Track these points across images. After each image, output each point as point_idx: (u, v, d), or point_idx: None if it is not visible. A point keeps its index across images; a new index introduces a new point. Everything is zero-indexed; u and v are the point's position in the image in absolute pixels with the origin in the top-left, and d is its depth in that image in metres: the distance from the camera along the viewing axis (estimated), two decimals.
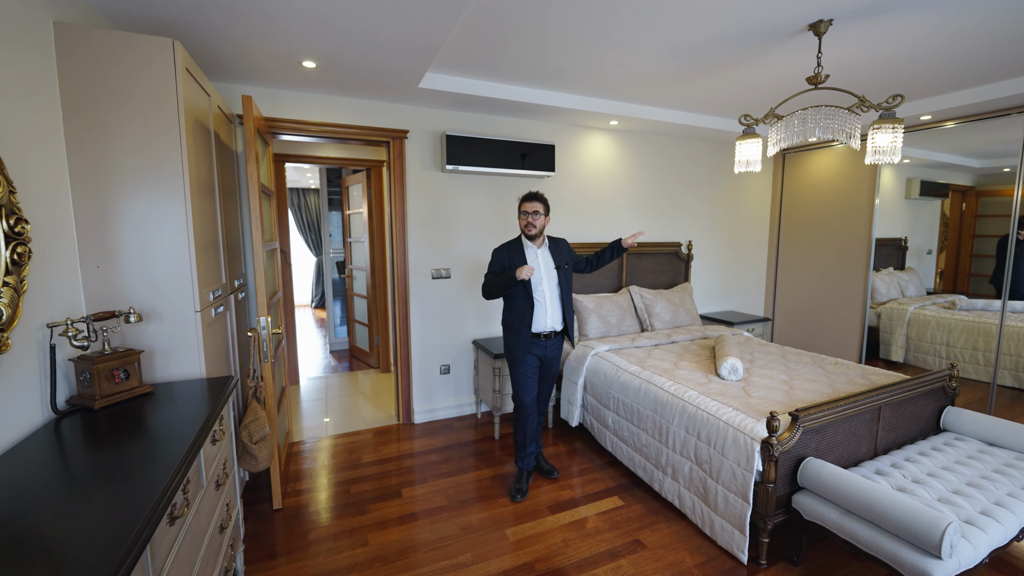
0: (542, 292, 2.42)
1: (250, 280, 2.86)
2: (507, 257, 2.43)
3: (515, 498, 2.43)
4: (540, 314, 2.42)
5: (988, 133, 3.38)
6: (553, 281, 2.44)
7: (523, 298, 2.39)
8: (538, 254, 2.43)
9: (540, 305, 2.41)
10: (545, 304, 2.42)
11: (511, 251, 2.43)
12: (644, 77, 2.78)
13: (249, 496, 2.47)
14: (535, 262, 2.41)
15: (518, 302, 2.41)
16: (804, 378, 2.54)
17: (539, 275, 2.41)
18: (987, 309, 3.51)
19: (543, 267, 2.42)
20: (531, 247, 2.44)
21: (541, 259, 2.43)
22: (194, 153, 1.83)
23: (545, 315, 2.42)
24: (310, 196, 7.52)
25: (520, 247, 2.43)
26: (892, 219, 4.05)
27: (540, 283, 2.41)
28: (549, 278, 2.44)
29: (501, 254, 2.45)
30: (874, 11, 1.97)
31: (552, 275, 2.44)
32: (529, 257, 2.42)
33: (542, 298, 2.41)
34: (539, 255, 2.43)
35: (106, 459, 1.19)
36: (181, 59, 1.69)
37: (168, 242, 1.73)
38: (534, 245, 2.44)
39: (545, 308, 2.42)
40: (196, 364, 1.81)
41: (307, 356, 5.26)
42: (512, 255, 2.42)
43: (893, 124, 1.94)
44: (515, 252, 2.42)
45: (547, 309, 2.42)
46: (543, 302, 2.42)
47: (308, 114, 2.90)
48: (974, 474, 1.96)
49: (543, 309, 2.42)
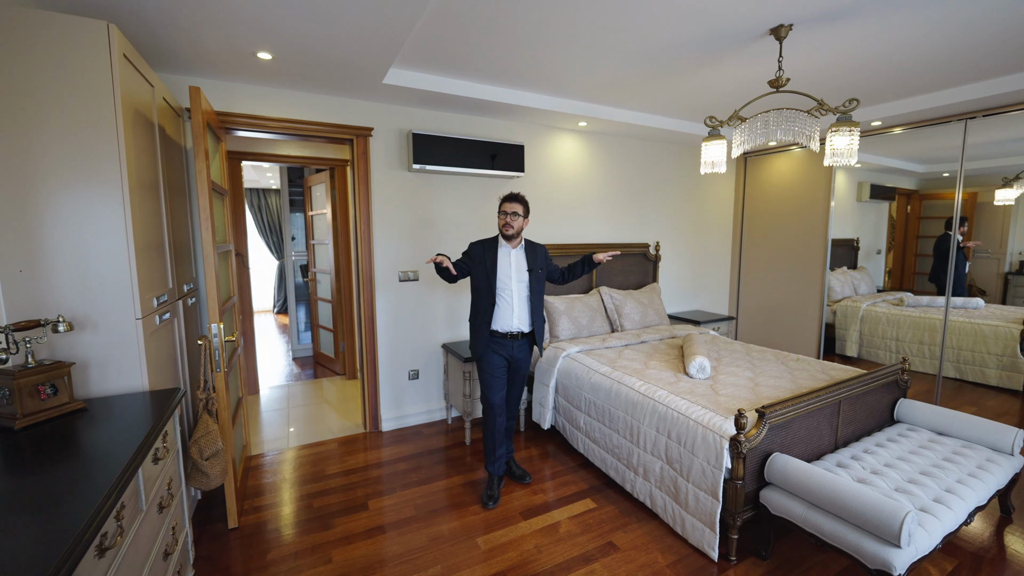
0: (509, 292, 2.40)
1: (201, 284, 2.68)
2: (480, 252, 2.42)
3: (487, 505, 2.37)
4: (504, 313, 2.40)
5: (931, 139, 3.58)
6: (523, 283, 2.43)
7: (486, 295, 2.40)
8: (511, 254, 2.42)
9: (505, 305, 2.40)
10: (512, 304, 2.40)
11: (485, 247, 2.44)
12: (612, 78, 2.79)
13: (202, 515, 2.31)
14: (507, 261, 2.40)
15: (482, 298, 2.42)
16: (768, 375, 2.60)
17: (508, 275, 2.39)
18: (931, 305, 3.72)
19: (514, 268, 2.41)
20: (505, 246, 2.43)
21: (514, 260, 2.42)
22: (135, 147, 1.69)
23: (511, 315, 2.41)
24: (271, 197, 7.22)
25: (495, 245, 2.43)
26: (845, 221, 4.24)
27: (508, 282, 2.40)
28: (519, 280, 2.42)
29: (475, 248, 2.46)
30: (831, 17, 2.03)
31: (523, 277, 2.43)
32: (501, 256, 2.41)
33: (508, 298, 2.40)
34: (512, 255, 2.42)
35: (27, 486, 1.06)
36: (118, 44, 1.55)
37: (105, 244, 1.58)
38: (509, 245, 2.43)
39: (511, 308, 2.40)
40: (138, 376, 1.67)
41: (268, 364, 5.03)
42: (485, 251, 2.42)
43: (850, 127, 2.00)
44: (488, 249, 2.43)
45: (513, 309, 2.41)
46: (509, 302, 2.40)
47: (265, 109, 2.76)
48: (926, 463, 2.05)
49: (508, 309, 2.40)
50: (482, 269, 2.40)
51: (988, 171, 3.40)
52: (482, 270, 2.40)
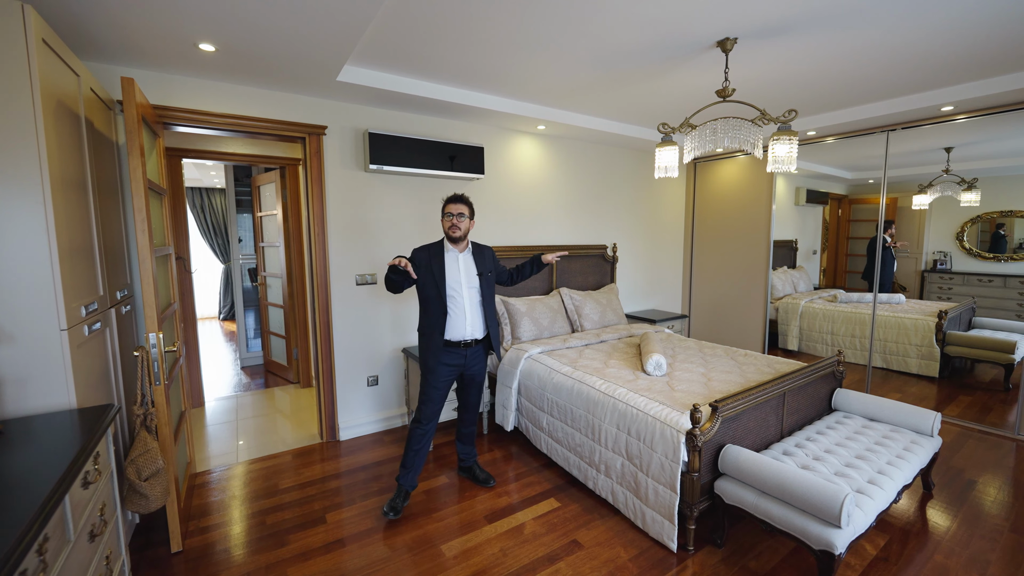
0: (460, 298, 2.31)
1: (137, 291, 2.48)
2: (426, 259, 2.31)
3: (387, 515, 2.26)
4: (457, 321, 2.32)
5: (858, 148, 3.90)
6: (474, 288, 2.36)
7: (436, 303, 2.29)
8: (459, 259, 2.34)
9: (457, 312, 2.31)
10: (464, 311, 2.32)
11: (430, 253, 2.33)
12: (569, 83, 2.84)
13: (141, 540, 2.14)
14: (455, 267, 2.32)
15: (432, 307, 2.31)
16: (720, 370, 2.73)
17: (458, 280, 2.31)
18: (861, 301, 4.04)
19: (464, 273, 2.33)
20: (452, 251, 2.34)
21: (462, 264, 2.34)
22: (57, 142, 1.54)
23: (464, 323, 2.33)
24: (215, 196, 6.81)
25: (440, 250, 2.33)
26: (785, 223, 4.53)
27: (459, 288, 2.31)
28: (470, 285, 2.34)
29: (420, 254, 2.33)
30: (771, 34, 2.17)
31: (473, 282, 2.36)
32: (449, 261, 2.32)
33: (460, 305, 2.31)
34: (460, 260, 2.34)
35: None
36: (36, 27, 1.41)
37: (21, 248, 1.43)
38: (456, 249, 2.34)
39: (464, 315, 2.32)
40: (63, 392, 1.52)
41: (214, 374, 4.73)
42: (431, 257, 2.31)
43: (789, 136, 2.14)
44: (434, 254, 2.32)
45: (466, 316, 2.33)
46: (461, 309, 2.32)
47: (209, 104, 2.60)
48: (860, 447, 2.21)
49: (461, 316, 2.32)
50: (430, 277, 2.29)
51: (907, 178, 3.74)
52: (430, 278, 2.29)
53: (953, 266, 3.73)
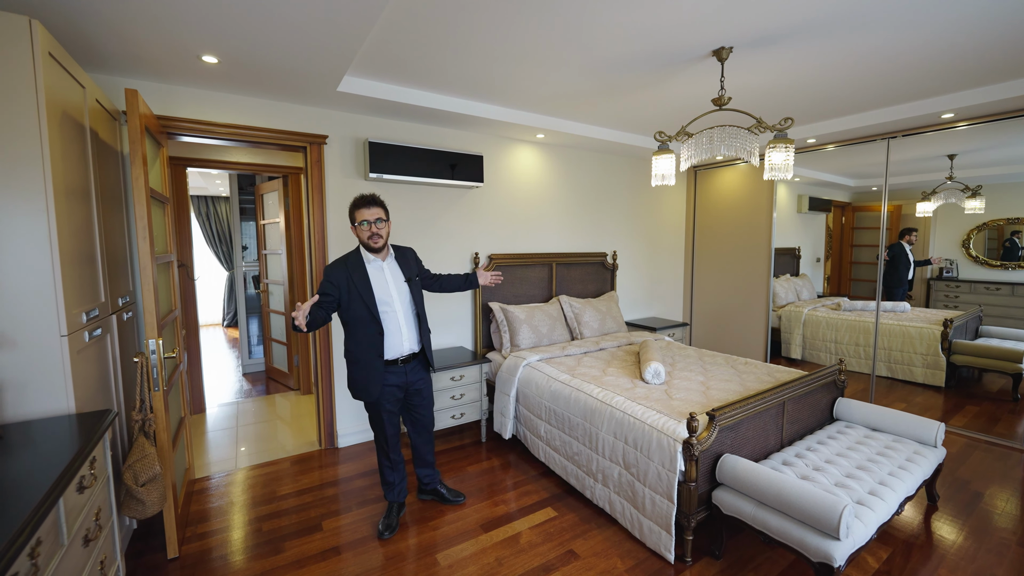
0: (393, 312, 2.10)
1: (139, 298, 2.52)
2: (345, 276, 2.04)
3: (383, 535, 2.17)
4: (394, 338, 2.10)
5: (860, 156, 3.89)
6: (405, 297, 2.15)
7: (369, 323, 2.04)
8: (384, 268, 2.12)
9: (393, 328, 2.10)
10: (400, 326, 2.11)
11: (349, 267, 2.05)
12: (567, 92, 2.87)
13: (139, 546, 2.14)
14: (381, 278, 2.10)
15: (363, 328, 2.04)
16: (719, 379, 2.71)
17: (388, 293, 2.10)
18: (865, 309, 4.00)
19: (392, 282, 2.12)
20: (374, 260, 2.10)
21: (389, 274, 2.12)
22: (61, 152, 1.58)
23: (401, 338, 2.12)
24: (220, 205, 6.89)
25: (360, 261, 2.07)
26: (787, 231, 4.52)
27: (391, 302, 2.10)
28: (400, 294, 2.13)
29: (336, 273, 2.03)
30: (766, 42, 2.18)
31: (403, 290, 2.15)
32: (373, 272, 2.09)
33: (395, 320, 2.10)
34: (385, 269, 2.12)
35: None
36: (42, 41, 1.45)
37: (24, 255, 1.46)
38: (378, 258, 2.11)
39: (400, 330, 2.12)
40: (62, 398, 1.54)
41: (216, 380, 4.76)
42: (352, 272, 2.04)
43: (785, 144, 2.14)
44: (354, 268, 2.05)
45: (402, 331, 2.12)
46: (396, 324, 2.10)
47: (212, 114, 2.65)
48: (862, 458, 2.18)
49: (397, 332, 2.11)
50: (355, 294, 2.03)
51: (910, 185, 3.72)
52: (355, 295, 2.03)
53: (959, 274, 3.69)
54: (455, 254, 3.54)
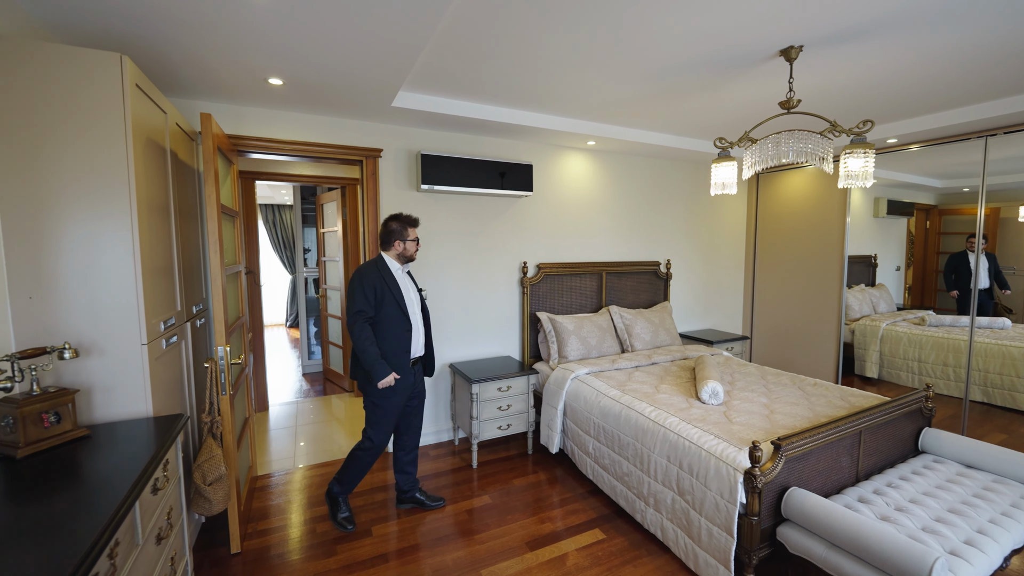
0: (415, 315, 2.37)
1: (210, 304, 2.70)
2: (380, 282, 2.25)
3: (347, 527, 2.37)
4: (415, 338, 2.37)
5: (950, 155, 3.49)
6: (417, 304, 2.40)
7: (401, 321, 2.28)
8: (405, 276, 2.39)
9: (416, 327, 2.36)
10: (417, 327, 2.38)
11: (380, 270, 2.27)
12: (620, 99, 2.78)
13: (205, 539, 2.29)
14: (405, 283, 2.36)
15: (394, 327, 2.26)
16: (784, 401, 2.51)
17: (410, 298, 2.36)
18: (955, 325, 3.59)
19: (411, 289, 2.39)
20: (399, 268, 2.35)
21: (407, 281, 2.40)
22: (144, 172, 1.71)
23: (419, 339, 2.39)
24: (285, 212, 7.33)
25: (388, 271, 2.30)
26: (862, 237, 4.14)
27: (413, 305, 2.36)
28: (415, 301, 2.39)
29: (372, 278, 2.23)
30: (842, 38, 2.00)
31: (416, 297, 2.41)
32: (399, 278, 2.34)
33: (415, 321, 2.36)
34: (405, 277, 2.39)
35: (25, 517, 1.05)
36: (130, 75, 1.59)
37: (112, 268, 1.60)
38: (401, 267, 2.36)
39: (418, 331, 2.38)
40: (142, 402, 1.67)
41: (279, 379, 5.04)
42: (383, 274, 2.27)
43: (864, 149, 1.95)
44: (386, 276, 2.28)
45: (419, 332, 2.39)
46: (417, 324, 2.37)
47: (277, 132, 2.80)
48: (955, 499, 1.94)
49: (417, 332, 2.37)
50: (388, 296, 2.25)
51: (1011, 186, 3.29)
52: (388, 296, 2.25)
53: None
54: (503, 264, 3.54)
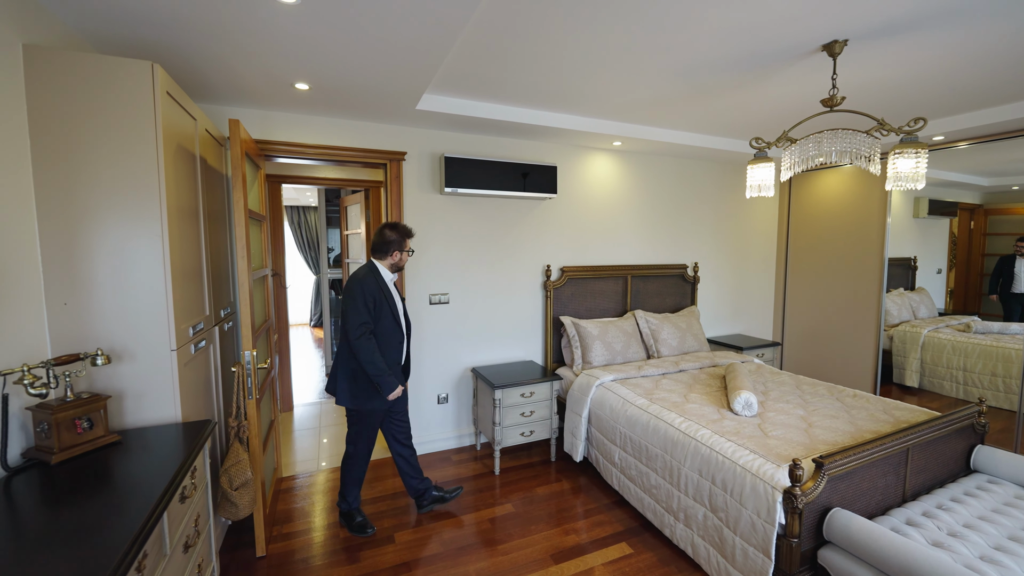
0: (406, 322, 2.42)
1: (238, 307, 2.73)
2: (379, 292, 2.26)
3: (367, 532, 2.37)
4: (405, 346, 2.43)
5: (1000, 152, 3.29)
6: (402, 312, 2.42)
7: (396, 330, 2.32)
8: (392, 284, 2.40)
9: (406, 337, 2.42)
10: (406, 335, 2.43)
11: (378, 282, 2.28)
12: (648, 98, 2.70)
13: (232, 541, 2.31)
14: (395, 291, 2.38)
15: (389, 336, 2.29)
16: (823, 414, 2.39)
17: (400, 306, 2.39)
18: (1004, 332, 3.37)
19: (398, 297, 2.40)
20: (389, 276, 2.35)
21: (395, 289, 2.41)
22: (175, 178, 1.72)
23: (407, 346, 2.45)
24: (310, 214, 7.44)
25: (379, 275, 2.30)
26: (901, 238, 3.94)
27: (402, 313, 2.40)
28: (401, 308, 2.41)
29: (372, 288, 2.23)
30: (890, 31, 1.88)
31: (401, 306, 2.42)
32: (391, 286, 2.36)
33: (405, 329, 2.41)
34: (393, 285, 2.39)
35: (57, 524, 1.05)
36: (161, 82, 1.59)
37: (143, 275, 1.61)
38: (392, 275, 2.37)
39: (406, 339, 2.44)
40: (171, 407, 1.68)
41: (303, 379, 5.11)
42: (378, 283, 2.27)
43: (916, 149, 1.83)
44: (383, 285, 2.28)
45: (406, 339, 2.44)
46: (406, 334, 2.43)
47: (303, 136, 2.82)
48: (1015, 525, 1.80)
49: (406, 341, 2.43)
50: (384, 305, 2.26)
51: None
52: (384, 305, 2.26)
53: None
54: (526, 267, 3.49)
